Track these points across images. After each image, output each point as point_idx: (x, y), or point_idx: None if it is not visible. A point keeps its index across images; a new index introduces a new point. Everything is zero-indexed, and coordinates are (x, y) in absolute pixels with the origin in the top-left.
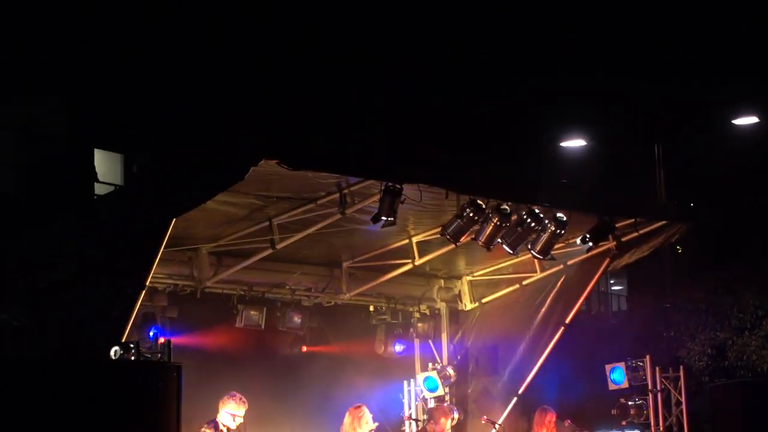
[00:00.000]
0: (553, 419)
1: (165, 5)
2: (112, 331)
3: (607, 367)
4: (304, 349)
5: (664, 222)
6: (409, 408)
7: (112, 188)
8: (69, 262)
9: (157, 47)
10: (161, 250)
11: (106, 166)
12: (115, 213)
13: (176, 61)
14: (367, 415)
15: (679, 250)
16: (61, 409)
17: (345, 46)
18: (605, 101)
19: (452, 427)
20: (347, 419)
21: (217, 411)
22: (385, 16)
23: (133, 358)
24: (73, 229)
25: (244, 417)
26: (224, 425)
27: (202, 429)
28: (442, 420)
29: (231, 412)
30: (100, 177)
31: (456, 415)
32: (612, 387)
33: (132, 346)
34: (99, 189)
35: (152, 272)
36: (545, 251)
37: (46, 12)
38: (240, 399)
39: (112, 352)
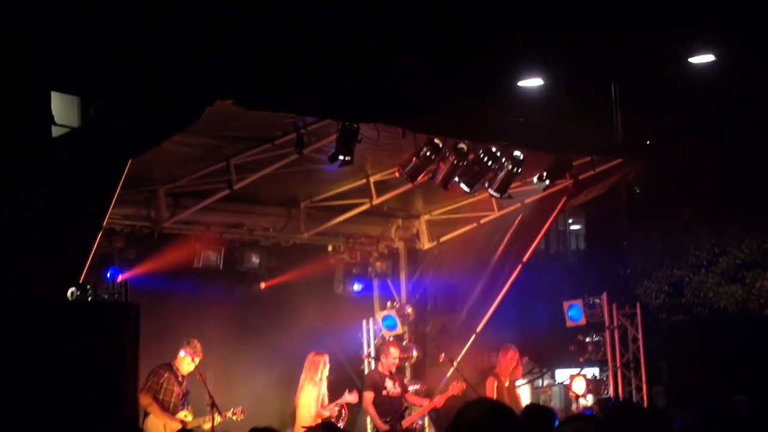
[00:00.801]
0: (516, 357)
1: None
2: (69, 272)
3: (565, 304)
4: (263, 286)
5: (620, 160)
6: (368, 347)
7: (68, 131)
8: (26, 203)
9: None
10: (118, 191)
11: (62, 109)
12: (72, 154)
13: (132, 2)
14: (327, 363)
15: (637, 190)
16: (18, 350)
17: None
18: (562, 41)
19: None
20: (306, 364)
21: (176, 356)
22: None
23: (89, 298)
24: (31, 171)
25: (200, 362)
26: (178, 368)
27: (157, 370)
28: (392, 349)
29: (188, 354)
30: (56, 120)
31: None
32: (570, 324)
33: (89, 287)
34: (56, 132)
35: (109, 213)
36: (502, 190)
37: None
38: (196, 345)
39: (68, 293)
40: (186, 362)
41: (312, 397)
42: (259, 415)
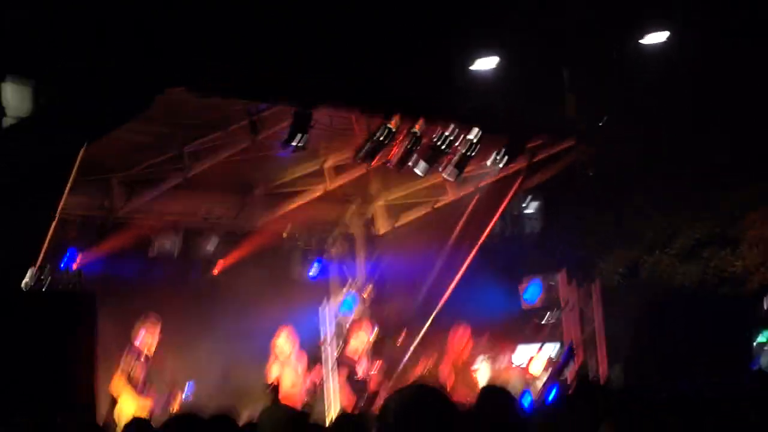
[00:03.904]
0: (467, 334)
1: None
2: (23, 262)
3: (521, 286)
4: (216, 272)
5: (572, 142)
6: (326, 332)
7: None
8: None
9: None
10: (71, 180)
11: (14, 98)
12: (24, 143)
13: None
14: (295, 341)
15: (589, 173)
16: None
17: None
18: (514, 24)
19: (370, 344)
20: (273, 345)
21: (135, 337)
22: None
23: (44, 289)
24: None
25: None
26: (144, 348)
27: (124, 357)
28: (361, 333)
29: (150, 332)
30: (8, 110)
31: (375, 330)
32: (525, 306)
33: (43, 277)
34: (7, 123)
35: (63, 202)
36: (457, 173)
37: None
38: (152, 321)
39: (22, 283)
40: (148, 338)
41: (283, 376)
42: (217, 397)
